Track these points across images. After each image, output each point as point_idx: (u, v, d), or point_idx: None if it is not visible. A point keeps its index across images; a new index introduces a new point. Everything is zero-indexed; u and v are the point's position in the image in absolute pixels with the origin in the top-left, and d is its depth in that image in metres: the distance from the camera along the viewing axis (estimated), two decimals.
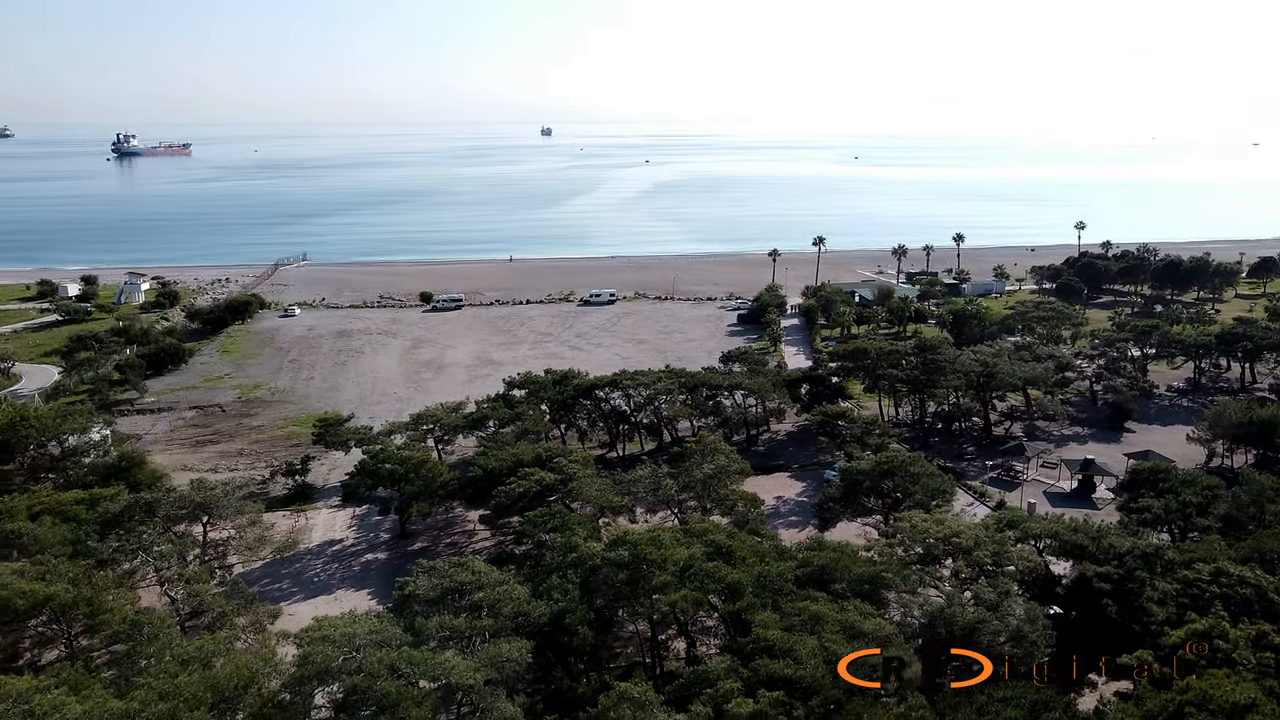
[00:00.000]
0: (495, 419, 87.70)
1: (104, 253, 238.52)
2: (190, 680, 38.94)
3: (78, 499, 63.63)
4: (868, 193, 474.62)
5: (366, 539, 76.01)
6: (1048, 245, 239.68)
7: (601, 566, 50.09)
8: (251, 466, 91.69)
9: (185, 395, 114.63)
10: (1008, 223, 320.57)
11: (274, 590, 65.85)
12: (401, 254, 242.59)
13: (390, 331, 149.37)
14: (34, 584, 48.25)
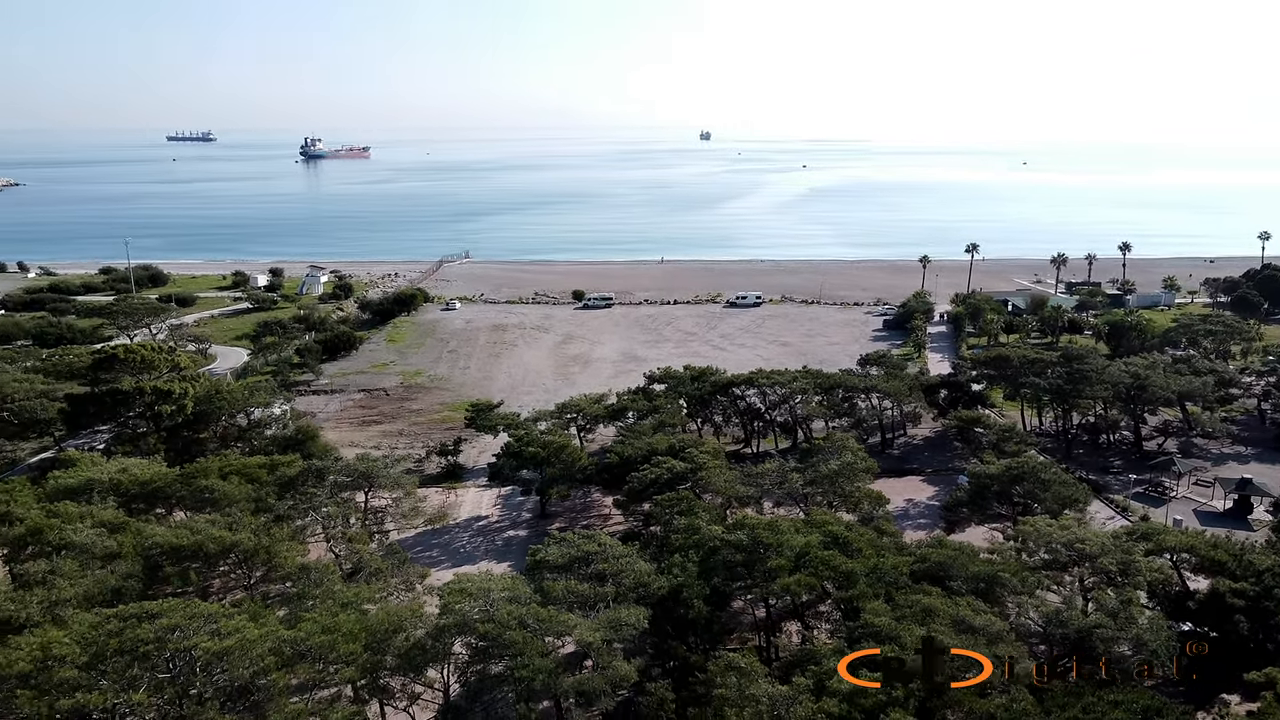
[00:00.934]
0: (634, 410, 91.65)
1: (290, 247, 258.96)
2: (348, 619, 44.20)
3: (260, 464, 71.25)
4: (1032, 199, 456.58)
5: (509, 517, 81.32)
6: (1229, 257, 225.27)
7: (720, 548, 52.88)
8: (410, 446, 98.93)
9: (355, 379, 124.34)
10: (1183, 231, 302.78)
11: (424, 557, 71.71)
12: (558, 254, 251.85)
13: (542, 327, 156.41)
14: (223, 532, 55.14)
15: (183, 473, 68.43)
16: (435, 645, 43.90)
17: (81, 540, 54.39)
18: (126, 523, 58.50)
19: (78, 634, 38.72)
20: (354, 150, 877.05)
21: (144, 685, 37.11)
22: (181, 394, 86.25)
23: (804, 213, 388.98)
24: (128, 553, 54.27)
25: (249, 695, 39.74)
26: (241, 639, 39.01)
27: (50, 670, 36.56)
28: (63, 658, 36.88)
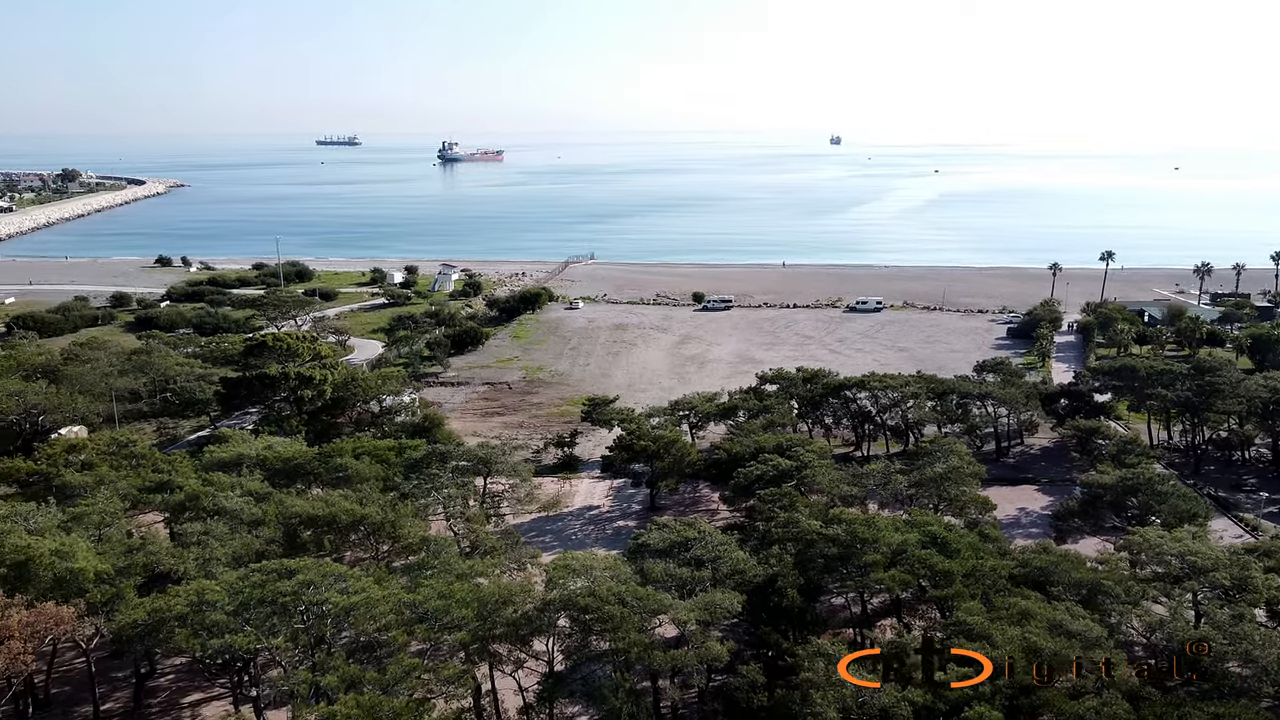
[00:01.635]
0: (745, 409, 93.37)
1: (424, 245, 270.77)
2: (462, 588, 47.74)
3: (389, 446, 76.43)
4: (1180, 206, 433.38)
5: (620, 508, 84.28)
6: None
7: (816, 541, 54.27)
8: (529, 437, 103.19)
9: (480, 372, 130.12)
10: None
11: (536, 540, 75.26)
12: (681, 256, 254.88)
13: (661, 327, 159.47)
14: (354, 506, 59.86)
15: (320, 452, 74.17)
16: (541, 618, 46.90)
17: (232, 507, 60.04)
18: (270, 494, 64.08)
19: (226, 585, 43.46)
20: (488, 154, 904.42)
21: (282, 633, 41.43)
22: (321, 380, 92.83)
23: (932, 218, 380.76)
24: (270, 520, 59.58)
25: (373, 650, 43.71)
26: (367, 598, 43.01)
27: (203, 613, 41.29)
28: (214, 603, 41.57)
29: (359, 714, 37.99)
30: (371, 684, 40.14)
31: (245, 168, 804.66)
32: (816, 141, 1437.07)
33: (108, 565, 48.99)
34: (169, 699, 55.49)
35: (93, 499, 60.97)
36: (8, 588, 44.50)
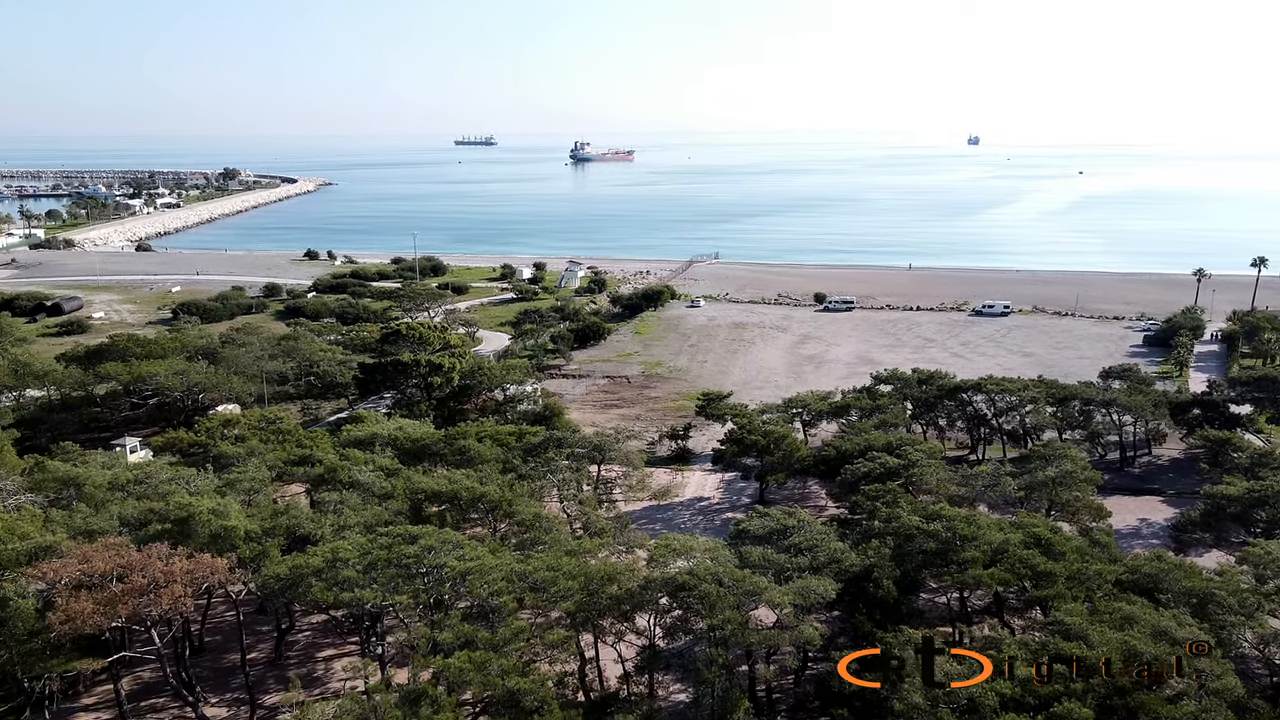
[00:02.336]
0: (858, 409, 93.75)
1: (553, 242, 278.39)
2: (570, 563, 50.72)
3: (510, 432, 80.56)
4: None
5: (729, 500, 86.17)
6: None
7: (915, 535, 55.01)
8: (645, 429, 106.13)
9: (601, 366, 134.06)
10: None
11: (646, 528, 77.75)
12: (805, 256, 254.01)
13: (781, 327, 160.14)
14: (474, 484, 63.88)
15: (446, 434, 78.92)
16: (642, 595, 49.42)
17: (364, 480, 64.97)
18: (399, 470, 68.92)
19: (357, 546, 47.72)
20: (619, 153, 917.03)
21: (405, 592, 45.32)
22: (450, 368, 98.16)
23: (1074, 221, 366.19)
24: (399, 494, 64.20)
25: (485, 614, 47.20)
26: (481, 565, 46.49)
27: (336, 570, 45.59)
28: (346, 561, 45.82)
29: (470, 668, 41.40)
30: (483, 643, 43.51)
31: (388, 167, 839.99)
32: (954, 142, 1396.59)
33: (256, 526, 54.13)
34: (305, 652, 60.69)
35: (244, 468, 66.97)
36: (171, 540, 49.89)
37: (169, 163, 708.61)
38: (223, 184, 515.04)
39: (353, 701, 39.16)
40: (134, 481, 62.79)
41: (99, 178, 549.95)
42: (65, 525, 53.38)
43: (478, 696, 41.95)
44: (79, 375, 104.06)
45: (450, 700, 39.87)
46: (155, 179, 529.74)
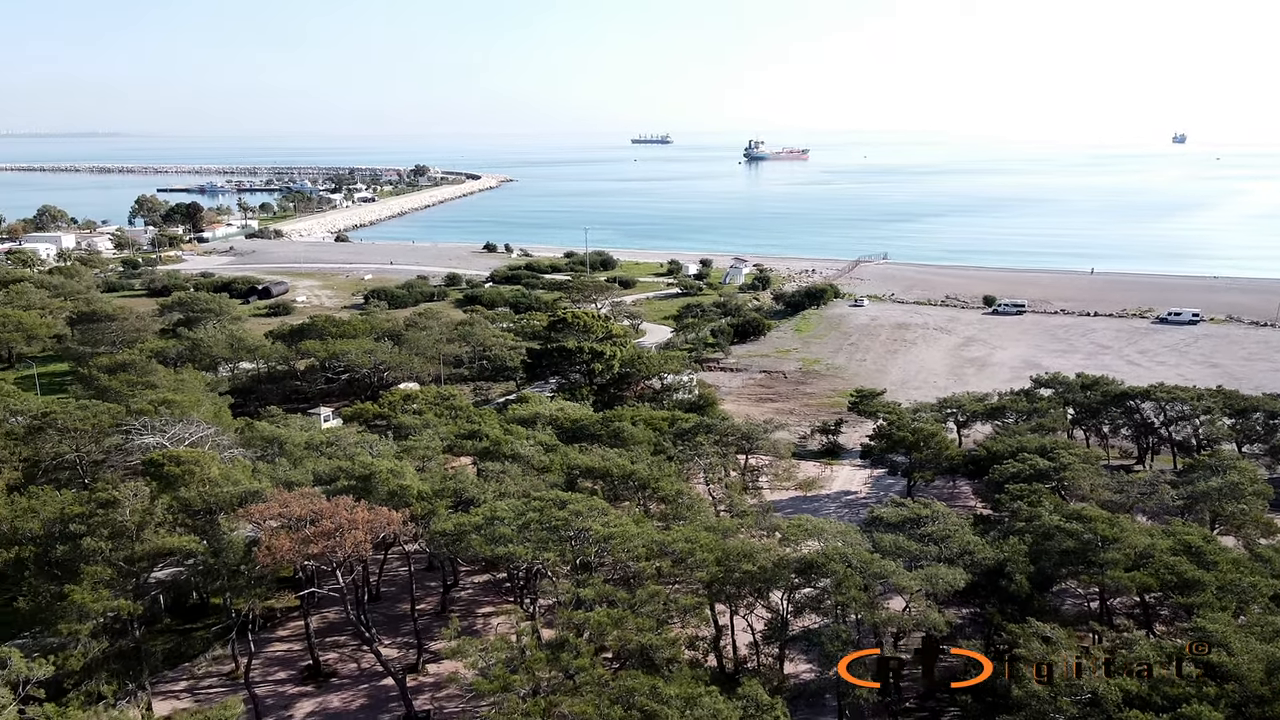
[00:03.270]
0: (1014, 411, 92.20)
1: (720, 240, 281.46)
2: (708, 538, 53.84)
3: (664, 417, 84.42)
4: None
5: (876, 495, 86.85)
6: None
7: (1054, 533, 54.91)
8: (797, 424, 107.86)
9: (758, 361, 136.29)
10: None
11: (790, 516, 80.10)
12: (978, 259, 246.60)
13: (945, 329, 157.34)
14: (625, 462, 67.98)
15: (603, 416, 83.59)
16: (775, 572, 51.93)
17: (525, 453, 70.28)
18: (557, 446, 73.96)
19: (513, 507, 52.53)
20: (793, 152, 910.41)
21: (553, 550, 49.70)
22: (611, 356, 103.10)
23: None
24: (555, 467, 69.11)
25: (626, 579, 51.04)
26: (624, 530, 50.34)
27: (494, 527, 50.50)
28: (502, 519, 50.67)
29: (608, 623, 45.25)
30: (621, 603, 47.28)
31: (566, 164, 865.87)
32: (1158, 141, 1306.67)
33: (427, 487, 60.08)
34: (466, 607, 66.53)
35: (419, 438, 73.72)
36: (355, 494, 56.26)
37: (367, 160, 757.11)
38: (413, 180, 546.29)
39: (502, 642, 43.74)
40: (326, 444, 70.48)
41: (305, 174, 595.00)
42: (269, 476, 60.96)
43: (614, 649, 45.68)
44: (283, 351, 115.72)
45: (589, 649, 43.81)
46: (354, 175, 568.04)
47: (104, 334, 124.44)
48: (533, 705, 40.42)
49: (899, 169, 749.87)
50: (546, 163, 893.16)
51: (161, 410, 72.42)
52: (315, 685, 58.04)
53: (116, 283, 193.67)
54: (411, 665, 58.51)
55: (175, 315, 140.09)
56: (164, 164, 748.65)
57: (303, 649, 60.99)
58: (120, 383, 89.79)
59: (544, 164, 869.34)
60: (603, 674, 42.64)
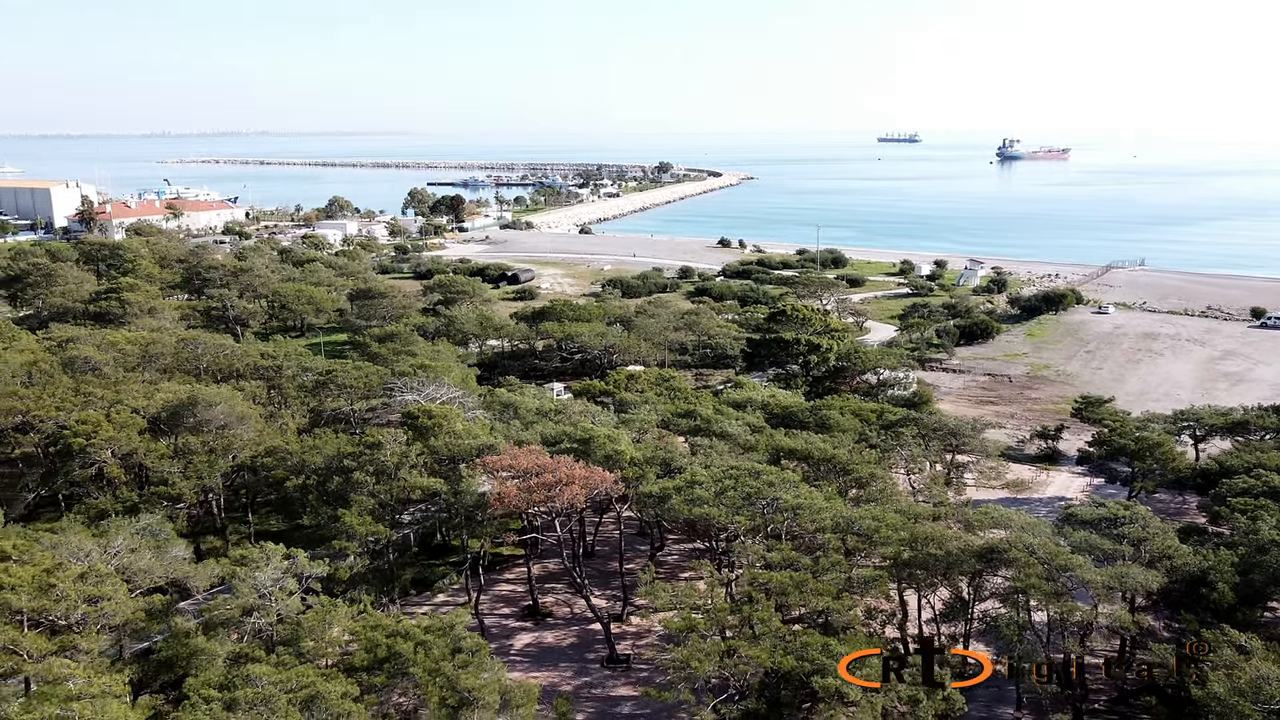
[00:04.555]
0: (1261, 428, 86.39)
1: (958, 241, 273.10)
2: (896, 518, 56.18)
3: (872, 409, 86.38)
4: None
5: (1092, 503, 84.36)
6: None
7: (1270, 548, 52.79)
8: (1016, 428, 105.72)
9: (983, 364, 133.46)
10: None
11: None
12: (1254, 269, 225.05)
13: (1199, 340, 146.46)
14: (828, 447, 71.01)
15: (812, 405, 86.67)
16: (958, 557, 53.50)
17: (733, 432, 74.93)
18: (763, 428, 78.05)
19: (711, 475, 57.29)
20: (1052, 152, 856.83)
21: (744, 514, 54.00)
22: (827, 349, 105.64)
23: None
24: (761, 447, 73.26)
25: (812, 549, 54.49)
26: (812, 503, 53.85)
27: (693, 490, 55.49)
28: (700, 483, 55.56)
29: (790, 585, 49.02)
30: (805, 568, 50.87)
31: (808, 163, 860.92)
32: None
33: (639, 454, 66.04)
34: (670, 571, 72.00)
35: (637, 412, 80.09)
36: (575, 455, 63.03)
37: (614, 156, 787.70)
38: (656, 177, 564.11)
39: (691, 589, 48.60)
40: (554, 411, 78.40)
41: (557, 170, 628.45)
42: (504, 434, 69.21)
43: (794, 607, 49.38)
44: (525, 331, 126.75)
45: (769, 604, 47.82)
46: (601, 171, 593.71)
47: (376, 309, 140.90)
48: (712, 646, 45.01)
49: (1170, 169, 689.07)
50: (787, 161, 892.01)
51: (419, 374, 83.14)
52: (533, 622, 65.47)
53: (389, 266, 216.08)
54: (617, 615, 64.64)
55: (435, 296, 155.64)
56: (435, 160, 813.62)
57: (524, 591, 68.77)
58: (387, 350, 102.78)
59: (785, 162, 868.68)
60: (780, 628, 46.54)
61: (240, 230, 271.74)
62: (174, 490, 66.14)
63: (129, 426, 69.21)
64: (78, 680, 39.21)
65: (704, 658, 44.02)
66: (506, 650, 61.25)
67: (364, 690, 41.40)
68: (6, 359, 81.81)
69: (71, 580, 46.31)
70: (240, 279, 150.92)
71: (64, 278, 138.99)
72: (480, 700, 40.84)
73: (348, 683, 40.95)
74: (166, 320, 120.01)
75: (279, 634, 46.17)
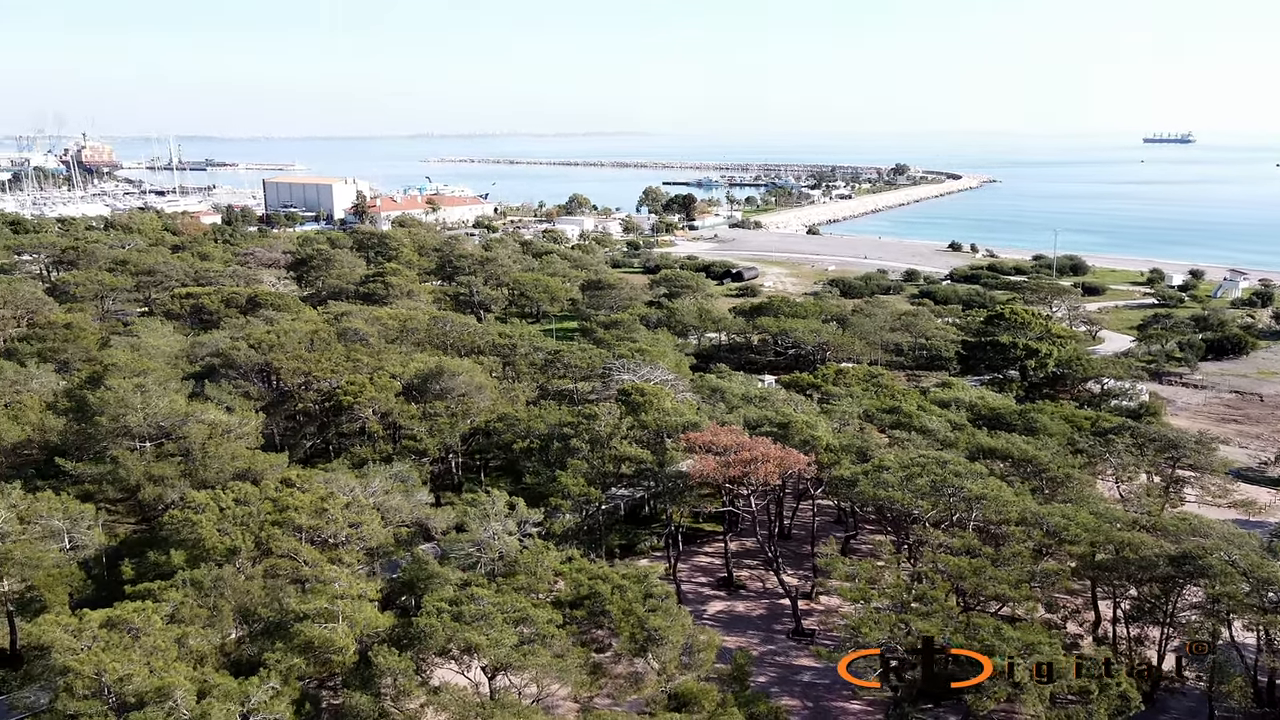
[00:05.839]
0: None
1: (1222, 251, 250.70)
2: (1086, 517, 56.20)
3: (1086, 415, 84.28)
4: None
5: None
6: None
7: None
8: (1262, 449, 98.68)
9: (1232, 380, 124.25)
10: None
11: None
12: None
13: None
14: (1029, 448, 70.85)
15: (1021, 408, 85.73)
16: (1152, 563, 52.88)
17: (933, 427, 76.10)
18: (965, 426, 78.54)
19: (899, 462, 59.52)
20: None
21: (928, 500, 55.98)
22: (1046, 354, 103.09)
23: None
24: (960, 444, 73.95)
25: (996, 541, 55.63)
26: (997, 494, 54.99)
27: (880, 475, 58.04)
28: (888, 468, 57.98)
29: (967, 569, 50.75)
30: (986, 556, 52.31)
31: (1060, 165, 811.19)
32: None
33: (836, 441, 68.99)
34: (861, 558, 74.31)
35: (839, 404, 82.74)
36: (773, 437, 66.91)
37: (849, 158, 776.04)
38: (892, 179, 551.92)
39: (869, 565, 51.39)
40: (759, 398, 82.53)
41: (790, 170, 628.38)
42: (708, 415, 74.18)
43: (970, 591, 50.99)
44: (742, 325, 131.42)
45: (945, 585, 49.86)
46: (835, 173, 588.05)
47: (605, 299, 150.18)
48: (885, 618, 47.74)
49: None
50: (1036, 163, 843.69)
51: (636, 356, 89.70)
52: (726, 592, 70.10)
53: (620, 260, 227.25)
54: (806, 593, 68.04)
55: (660, 289, 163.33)
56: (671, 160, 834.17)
57: (720, 564, 73.52)
58: (611, 336, 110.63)
59: (1033, 164, 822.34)
60: (952, 608, 48.54)
61: (488, 224, 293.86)
62: (420, 446, 75.92)
63: (387, 389, 79.93)
64: (341, 583, 47.73)
65: (874, 626, 46.87)
66: (699, 614, 66.12)
67: (566, 620, 47.51)
68: (295, 328, 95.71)
69: (339, 508, 55.72)
70: (486, 268, 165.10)
71: (340, 262, 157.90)
72: (665, 640, 45.84)
73: (554, 612, 47.21)
74: (421, 302, 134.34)
75: (499, 569, 53.27)
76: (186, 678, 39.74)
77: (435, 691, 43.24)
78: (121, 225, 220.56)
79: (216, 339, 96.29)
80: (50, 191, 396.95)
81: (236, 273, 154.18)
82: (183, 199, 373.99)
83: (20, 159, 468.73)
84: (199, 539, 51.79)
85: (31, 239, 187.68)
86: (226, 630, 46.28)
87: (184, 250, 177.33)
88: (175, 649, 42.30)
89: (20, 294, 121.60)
